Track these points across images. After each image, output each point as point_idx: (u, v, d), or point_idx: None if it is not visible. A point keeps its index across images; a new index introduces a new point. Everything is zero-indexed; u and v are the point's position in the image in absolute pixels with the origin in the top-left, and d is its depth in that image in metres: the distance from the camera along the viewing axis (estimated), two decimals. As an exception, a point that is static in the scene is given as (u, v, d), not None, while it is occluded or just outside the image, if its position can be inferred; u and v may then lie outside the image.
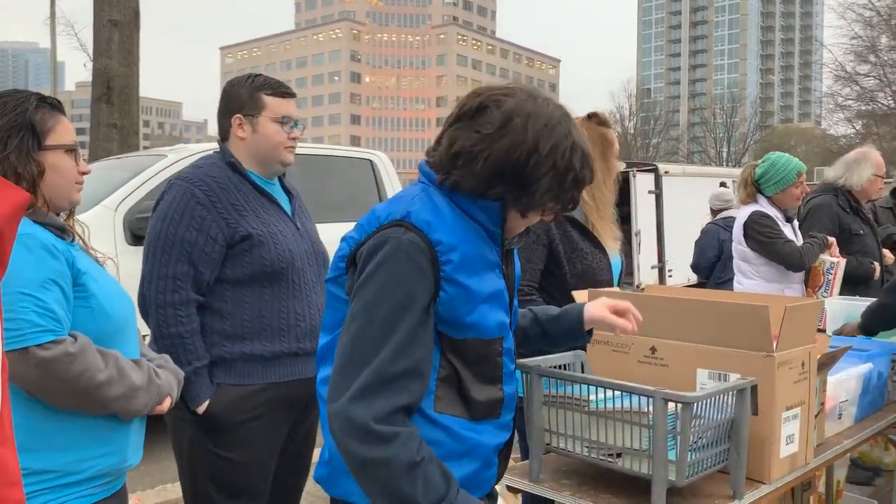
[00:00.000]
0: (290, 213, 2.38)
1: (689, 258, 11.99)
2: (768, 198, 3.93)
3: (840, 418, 2.30)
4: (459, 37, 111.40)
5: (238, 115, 2.29)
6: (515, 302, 1.61)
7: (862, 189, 4.24)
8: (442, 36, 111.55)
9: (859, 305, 3.29)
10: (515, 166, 1.38)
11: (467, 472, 1.43)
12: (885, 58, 32.73)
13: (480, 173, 1.38)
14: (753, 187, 3.94)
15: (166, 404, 1.77)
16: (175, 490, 3.87)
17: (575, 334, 1.75)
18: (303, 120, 2.43)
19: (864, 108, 34.65)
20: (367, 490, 1.35)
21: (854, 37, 32.57)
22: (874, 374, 2.45)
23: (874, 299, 3.14)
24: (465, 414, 1.43)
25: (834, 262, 3.88)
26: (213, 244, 2.17)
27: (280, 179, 2.45)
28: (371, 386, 1.31)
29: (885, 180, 4.32)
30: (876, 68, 33.11)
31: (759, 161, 4.04)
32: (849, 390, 2.33)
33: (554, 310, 1.79)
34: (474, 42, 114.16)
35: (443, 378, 1.41)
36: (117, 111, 9.11)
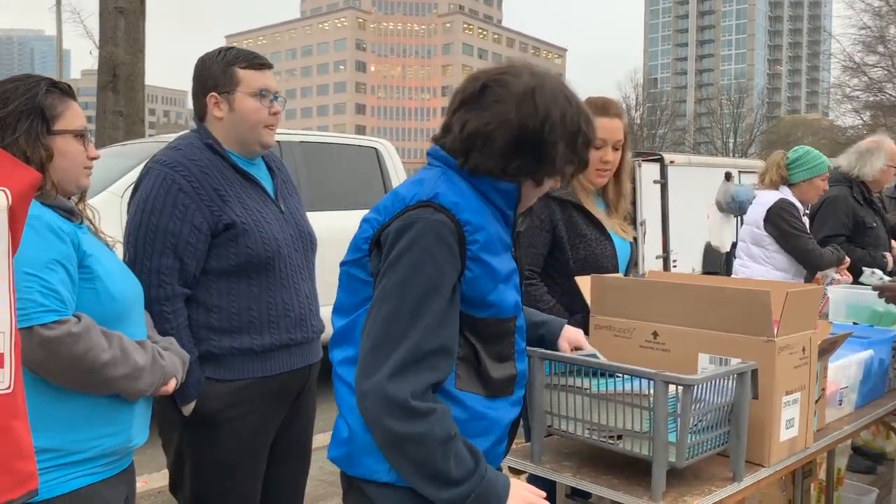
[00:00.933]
0: (272, 194, 2.27)
1: (694, 248, 12.04)
2: (791, 187, 3.96)
3: (841, 404, 2.31)
4: (465, 26, 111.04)
5: (213, 94, 2.17)
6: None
7: (874, 179, 4.24)
8: (448, 25, 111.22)
9: (861, 293, 3.30)
10: (532, 138, 1.42)
11: (483, 448, 1.46)
12: (894, 48, 32.50)
13: (499, 151, 1.43)
14: (784, 171, 3.97)
15: (171, 385, 1.78)
16: (161, 478, 3.89)
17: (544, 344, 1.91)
18: (308, 109, 2.40)
19: (871, 98, 34.44)
20: (399, 467, 1.37)
21: (863, 27, 32.36)
22: (875, 360, 2.47)
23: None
24: (482, 391, 1.46)
25: (835, 278, 3.90)
26: (197, 234, 2.07)
27: (263, 156, 2.33)
28: (407, 363, 1.33)
29: None
30: (884, 59, 32.89)
31: (790, 150, 4.10)
32: (849, 377, 2.34)
33: (537, 316, 1.94)
34: (480, 31, 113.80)
35: (462, 357, 1.44)
36: (123, 99, 9.12)
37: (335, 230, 5.49)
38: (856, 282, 3.83)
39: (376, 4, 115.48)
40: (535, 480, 1.92)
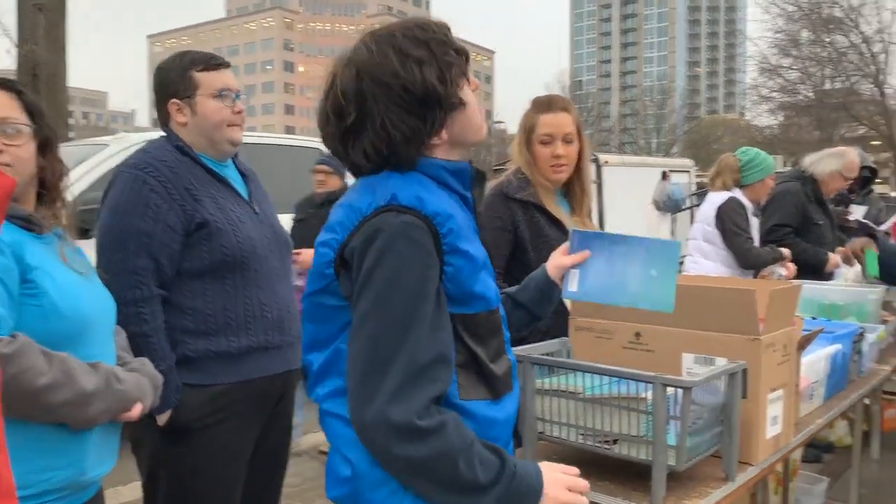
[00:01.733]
0: (246, 196, 2.24)
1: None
2: (743, 188, 4.07)
3: (811, 399, 2.35)
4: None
5: (174, 101, 2.16)
6: None
7: (822, 180, 4.39)
8: (376, 25, 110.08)
9: (809, 288, 3.39)
10: (409, 100, 1.30)
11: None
12: (807, 51, 33.98)
13: (408, 135, 1.31)
14: (738, 174, 4.08)
15: (135, 411, 1.61)
16: (129, 493, 3.72)
17: (546, 293, 1.78)
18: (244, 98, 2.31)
19: (786, 99, 35.94)
20: (424, 492, 1.27)
21: (777, 30, 33.73)
22: (839, 355, 2.52)
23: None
24: (488, 395, 1.37)
25: (781, 274, 4.02)
26: (171, 234, 2.03)
27: (234, 161, 2.31)
28: (405, 383, 1.23)
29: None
30: (798, 61, 34.36)
31: (738, 153, 4.21)
32: (818, 371, 2.39)
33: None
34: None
35: (460, 364, 1.34)
36: (44, 100, 8.54)
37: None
38: (803, 277, 3.94)
39: (304, 4, 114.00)
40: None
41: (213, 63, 2.19)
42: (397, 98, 1.30)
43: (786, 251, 4.08)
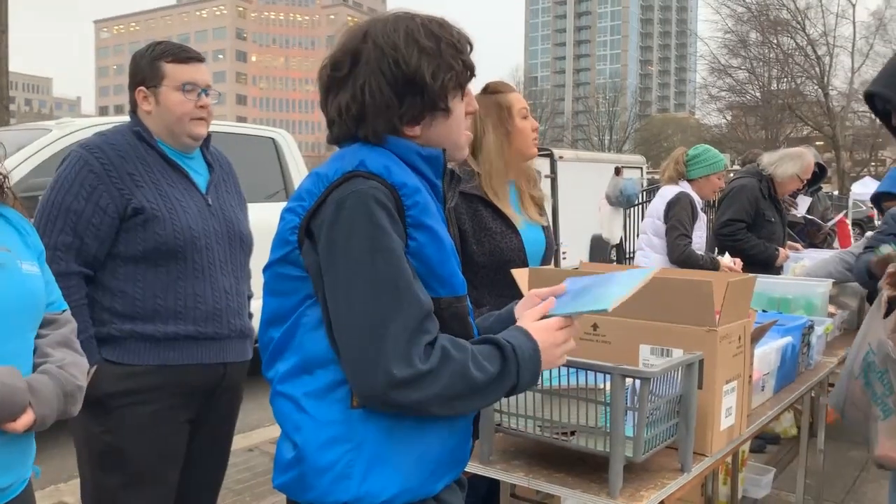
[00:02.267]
0: (203, 188, 2.22)
1: (583, 240, 12.38)
2: (690, 183, 4.11)
3: (763, 390, 2.38)
4: (350, 18, 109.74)
5: (141, 88, 2.19)
6: None
7: (781, 182, 4.47)
8: (332, 17, 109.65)
9: (761, 282, 3.45)
10: (395, 76, 1.32)
11: (451, 446, 1.37)
12: (755, 52, 34.84)
13: (378, 104, 1.32)
14: (682, 167, 4.11)
15: (21, 421, 1.38)
16: (69, 490, 3.60)
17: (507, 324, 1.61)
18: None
19: (734, 99, 36.80)
20: (459, 409, 1.29)
21: (727, 31, 34.50)
22: (790, 347, 2.56)
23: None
24: None
25: (731, 268, 4.06)
26: (101, 214, 2.05)
27: (204, 151, 2.28)
28: (403, 342, 1.22)
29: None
30: (746, 62, 35.20)
31: (691, 148, 4.26)
32: (769, 363, 2.42)
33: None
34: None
35: None
36: (-18, 83, 8.37)
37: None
38: (752, 271, 4.01)
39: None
40: (482, 481, 1.86)
41: (182, 55, 2.19)
42: (386, 68, 1.32)
43: (723, 260, 4.11)
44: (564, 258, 11.71)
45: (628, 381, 1.61)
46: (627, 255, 11.17)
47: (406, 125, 1.35)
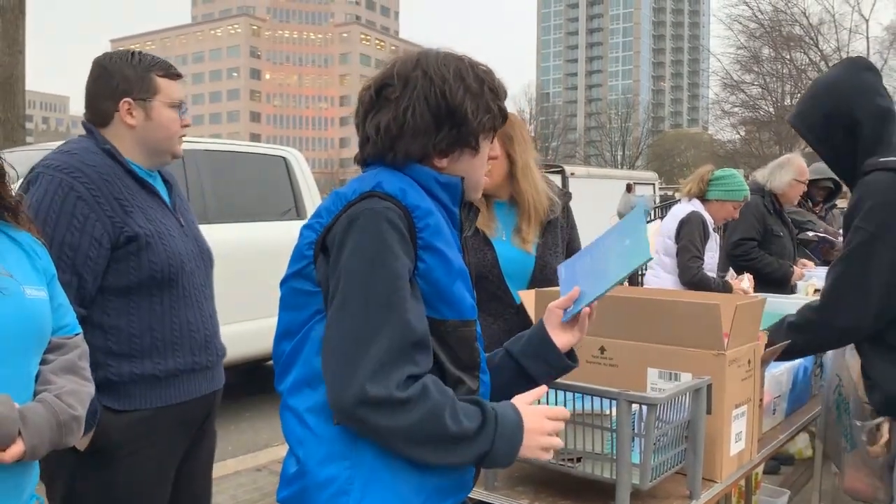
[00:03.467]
0: (171, 206, 2.11)
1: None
2: (705, 203, 4.06)
3: (774, 413, 2.35)
4: (363, 36, 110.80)
5: (127, 100, 2.00)
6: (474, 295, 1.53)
7: (783, 192, 4.43)
8: (345, 35, 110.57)
9: (773, 302, 3.41)
10: (439, 105, 1.38)
11: (454, 471, 1.36)
12: (767, 68, 34.73)
13: (417, 129, 1.38)
14: (705, 185, 4.07)
15: (10, 452, 1.33)
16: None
17: (538, 340, 1.56)
18: (199, 116, 2.25)
19: (748, 114, 36.65)
20: (418, 456, 1.27)
21: (740, 47, 34.43)
22: (801, 369, 2.53)
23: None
24: None
25: (745, 289, 4.02)
26: (97, 248, 1.88)
27: (159, 169, 2.17)
28: (385, 361, 1.23)
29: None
30: (759, 77, 35.09)
31: (719, 169, 4.21)
32: (780, 385, 2.38)
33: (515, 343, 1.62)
34: (378, 42, 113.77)
35: None
36: (1, 103, 8.46)
37: (243, 241, 5.27)
38: (766, 290, 3.97)
39: (271, 12, 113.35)
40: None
41: (172, 71, 2.10)
42: (432, 97, 1.38)
43: (736, 283, 4.06)
44: (576, 275, 11.69)
45: (634, 406, 1.59)
46: (640, 272, 11.14)
47: (437, 155, 1.41)
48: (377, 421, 1.22)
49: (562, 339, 1.55)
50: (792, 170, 4.42)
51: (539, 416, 1.36)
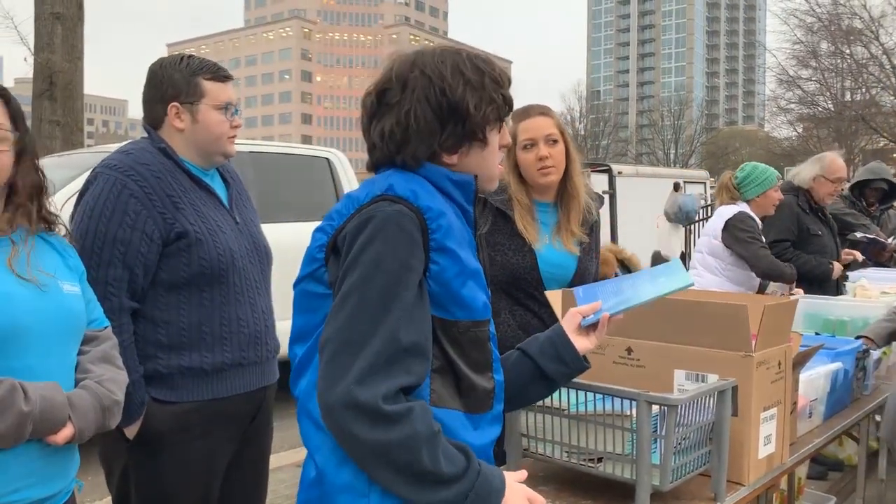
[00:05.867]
0: (227, 204, 2.17)
1: (644, 257, 12.16)
2: (749, 203, 4.00)
3: (810, 417, 2.30)
4: (412, 37, 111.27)
5: (175, 104, 2.07)
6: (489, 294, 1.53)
7: (810, 188, 4.31)
8: (394, 36, 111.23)
9: (816, 303, 3.34)
10: (440, 104, 1.37)
11: None
12: (826, 63, 33.72)
13: (421, 131, 1.37)
14: (735, 192, 4.01)
15: (62, 434, 1.46)
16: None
17: (557, 339, 1.55)
18: (252, 119, 2.30)
19: (805, 111, 35.64)
20: (383, 479, 1.24)
21: (796, 42, 33.49)
22: (841, 372, 2.47)
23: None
24: (461, 407, 1.35)
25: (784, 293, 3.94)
26: (149, 243, 1.95)
27: (218, 168, 2.23)
28: (375, 366, 1.22)
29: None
30: (816, 73, 34.09)
31: (737, 170, 4.13)
32: (818, 389, 2.33)
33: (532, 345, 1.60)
34: (427, 42, 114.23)
35: (437, 369, 1.33)
36: (60, 108, 8.78)
37: (288, 242, 5.35)
38: (807, 291, 3.88)
39: (321, 14, 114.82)
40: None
41: (220, 74, 2.14)
42: (432, 96, 1.37)
43: (797, 289, 3.98)
44: (623, 275, 11.55)
45: (656, 407, 1.58)
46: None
47: (445, 152, 1.40)
48: (356, 429, 1.20)
49: (578, 343, 1.54)
50: (820, 166, 4.30)
51: (522, 497, 1.32)
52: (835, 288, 4.14)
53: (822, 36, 33.08)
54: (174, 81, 2.08)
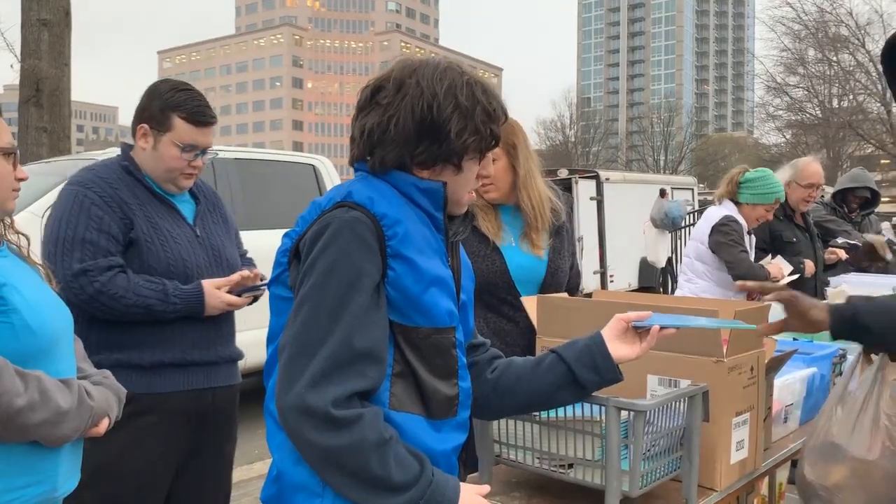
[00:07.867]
0: (190, 219, 2.29)
1: (632, 263, 12.21)
2: (738, 206, 3.98)
3: (786, 422, 2.31)
4: (403, 44, 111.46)
5: (143, 125, 2.22)
6: (464, 298, 1.53)
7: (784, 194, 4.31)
8: (385, 43, 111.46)
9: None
10: (423, 119, 1.37)
11: None
12: (813, 70, 33.98)
13: (397, 138, 1.37)
14: (734, 188, 3.98)
15: (103, 426, 1.59)
16: None
17: (595, 347, 1.54)
18: (243, 125, 2.33)
19: (793, 118, 35.88)
20: (334, 483, 1.26)
21: (784, 49, 33.75)
22: (817, 377, 2.48)
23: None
24: (423, 412, 1.36)
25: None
26: (115, 244, 2.12)
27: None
28: (327, 371, 1.24)
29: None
30: (804, 80, 34.34)
31: (753, 170, 4.08)
32: (794, 394, 2.34)
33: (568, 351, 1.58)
34: (418, 49, 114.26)
35: (397, 374, 1.34)
36: (47, 114, 8.75)
37: (272, 248, 5.36)
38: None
39: (313, 21, 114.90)
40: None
41: (196, 118, 2.21)
42: (418, 108, 1.37)
43: (772, 269, 3.98)
44: (612, 281, 11.56)
45: (625, 413, 1.58)
46: (673, 279, 10.98)
47: (417, 166, 1.41)
48: (306, 433, 1.23)
49: (619, 350, 1.54)
50: (792, 172, 4.28)
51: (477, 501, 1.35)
52: (814, 294, 4.15)
53: (810, 43, 33.36)
54: (152, 106, 2.22)
